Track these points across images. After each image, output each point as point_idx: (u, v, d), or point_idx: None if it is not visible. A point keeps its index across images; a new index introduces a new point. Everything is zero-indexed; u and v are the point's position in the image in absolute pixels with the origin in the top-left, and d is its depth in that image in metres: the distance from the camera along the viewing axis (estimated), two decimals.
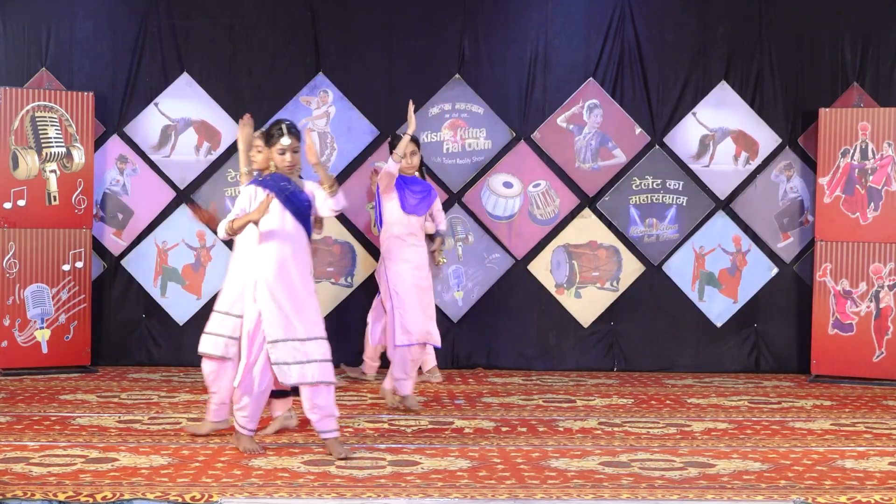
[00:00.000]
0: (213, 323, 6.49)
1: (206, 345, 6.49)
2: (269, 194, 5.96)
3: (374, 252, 9.54)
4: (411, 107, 7.65)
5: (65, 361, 8.98)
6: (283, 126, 6.09)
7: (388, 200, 7.61)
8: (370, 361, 8.86)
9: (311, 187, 6.18)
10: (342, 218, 9.58)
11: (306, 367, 6.00)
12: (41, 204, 8.94)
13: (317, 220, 6.34)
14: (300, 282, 6.02)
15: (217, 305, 6.53)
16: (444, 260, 8.08)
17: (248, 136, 6.52)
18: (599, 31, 9.62)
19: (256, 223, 5.99)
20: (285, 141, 6.07)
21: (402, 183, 7.62)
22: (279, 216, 6.02)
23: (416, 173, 7.77)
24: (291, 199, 6.04)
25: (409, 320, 7.47)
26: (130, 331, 9.54)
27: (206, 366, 6.54)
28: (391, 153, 7.56)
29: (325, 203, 6.11)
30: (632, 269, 9.65)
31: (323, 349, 6.06)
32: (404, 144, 7.49)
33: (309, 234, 6.14)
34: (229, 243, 7.16)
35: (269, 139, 6.12)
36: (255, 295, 5.99)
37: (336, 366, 9.44)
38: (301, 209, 6.06)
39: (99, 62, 9.48)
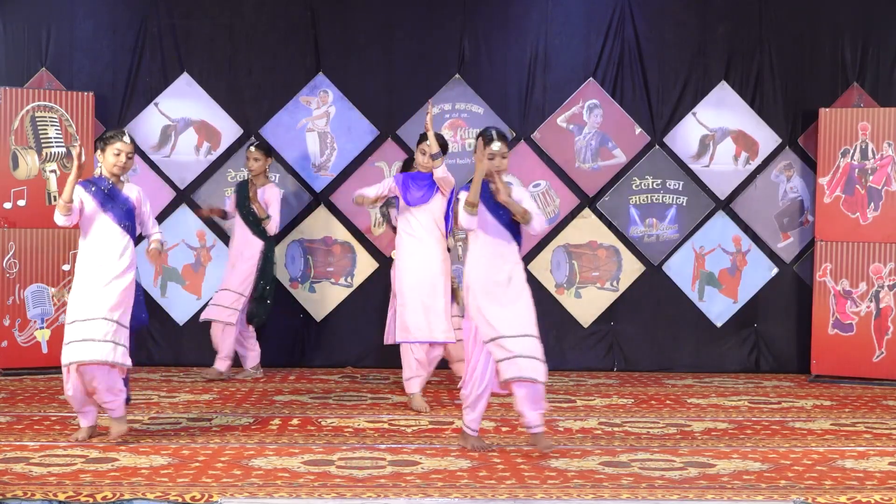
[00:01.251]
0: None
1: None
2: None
3: (375, 252, 9.55)
4: (430, 108, 7.52)
5: None
6: (493, 132, 6.19)
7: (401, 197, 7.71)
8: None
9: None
10: (342, 218, 9.59)
11: (520, 361, 6.06)
12: (41, 204, 8.93)
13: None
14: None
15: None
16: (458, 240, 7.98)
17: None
18: (599, 30, 9.62)
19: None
20: (496, 146, 6.14)
21: (409, 179, 7.67)
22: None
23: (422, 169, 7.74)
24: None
25: (408, 318, 7.47)
26: (130, 331, 9.51)
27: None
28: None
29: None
30: (632, 269, 9.65)
31: (534, 346, 6.10)
32: (432, 139, 7.45)
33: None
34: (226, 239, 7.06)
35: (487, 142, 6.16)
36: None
37: (342, 367, 9.50)
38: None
39: (99, 62, 9.48)
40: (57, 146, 9.01)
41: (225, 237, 9.53)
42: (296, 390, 8.30)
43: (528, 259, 9.60)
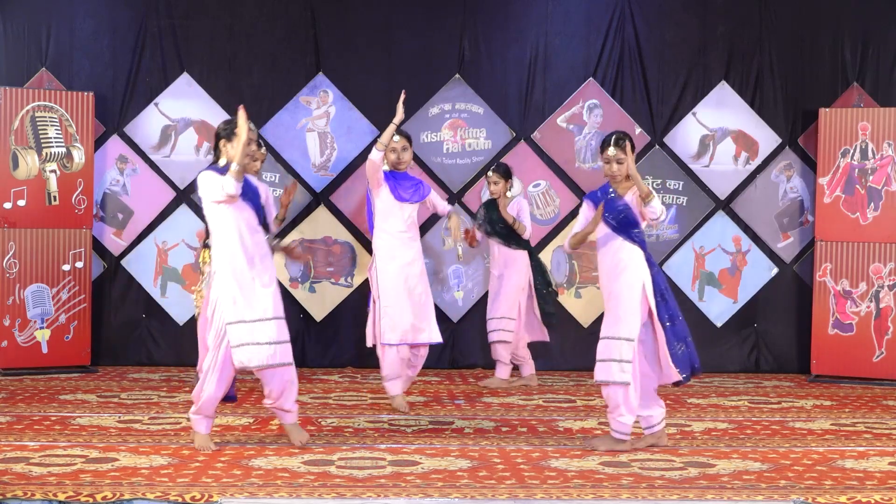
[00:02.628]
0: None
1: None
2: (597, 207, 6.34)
3: None
4: (402, 97, 7.47)
5: (65, 361, 8.98)
6: (612, 137, 6.29)
7: (378, 194, 7.49)
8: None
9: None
10: (342, 218, 9.59)
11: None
12: (41, 204, 8.94)
13: None
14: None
15: None
16: (461, 237, 7.90)
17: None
18: (599, 31, 9.62)
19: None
20: (611, 152, 6.25)
21: (392, 178, 7.53)
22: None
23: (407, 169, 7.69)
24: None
25: (395, 319, 7.41)
26: (130, 331, 9.54)
27: None
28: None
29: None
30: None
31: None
32: (389, 133, 7.36)
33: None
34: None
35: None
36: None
37: (342, 367, 9.50)
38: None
39: (99, 62, 9.48)
40: (57, 146, 9.01)
41: None
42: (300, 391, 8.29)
43: None
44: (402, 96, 7.49)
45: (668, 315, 6.26)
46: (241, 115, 6.09)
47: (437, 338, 7.58)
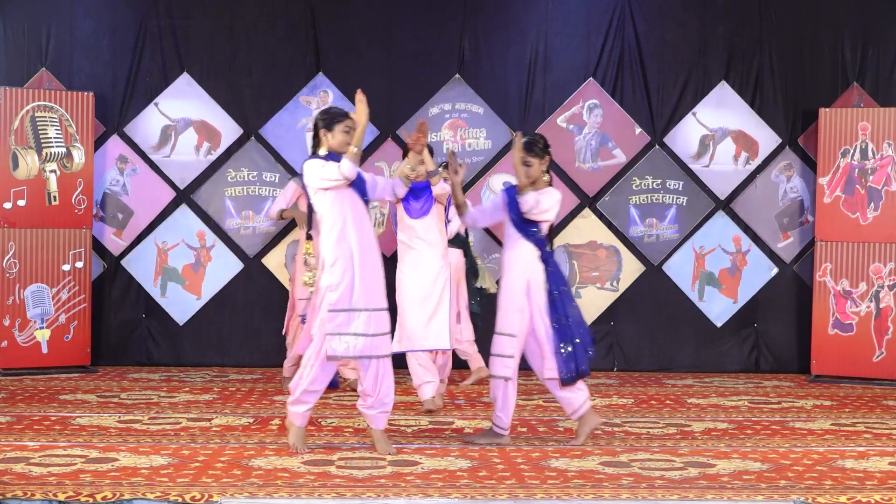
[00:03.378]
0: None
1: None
2: None
3: None
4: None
5: (65, 361, 8.98)
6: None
7: (398, 207, 7.59)
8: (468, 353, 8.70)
9: None
10: None
11: None
12: (41, 204, 8.94)
13: None
14: None
15: None
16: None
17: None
18: (599, 31, 9.62)
19: None
20: (523, 156, 6.34)
21: (408, 191, 7.53)
22: None
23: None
24: None
25: (406, 328, 7.40)
26: (130, 331, 9.54)
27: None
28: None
29: None
30: (632, 269, 9.65)
31: None
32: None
33: None
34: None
35: None
36: None
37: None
38: None
39: (99, 62, 9.48)
40: (57, 146, 9.00)
41: (226, 237, 9.53)
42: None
43: None
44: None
45: (556, 316, 6.32)
46: (361, 99, 6.01)
47: (441, 344, 7.48)
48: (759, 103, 9.66)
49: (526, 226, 6.36)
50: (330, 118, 6.13)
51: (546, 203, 6.37)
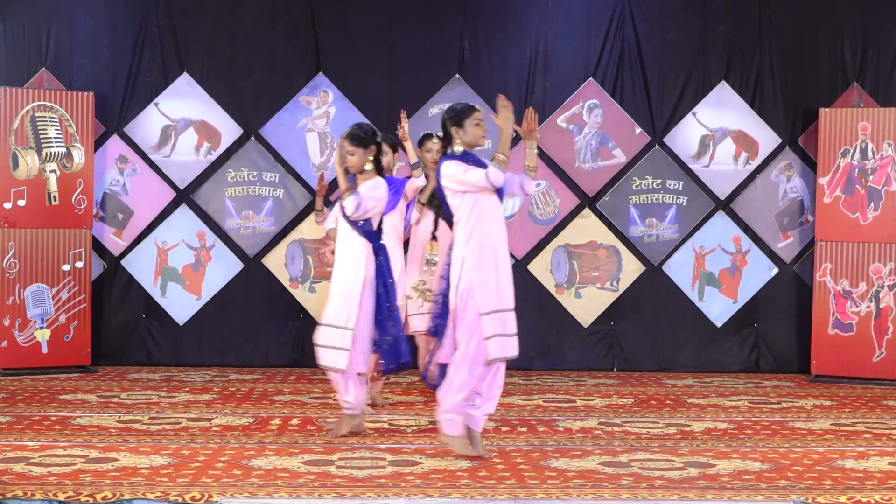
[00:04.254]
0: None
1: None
2: None
3: None
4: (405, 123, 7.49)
5: (65, 361, 8.98)
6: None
7: None
8: None
9: None
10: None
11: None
12: (41, 204, 8.94)
13: None
14: None
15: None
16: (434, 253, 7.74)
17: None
18: (599, 31, 9.62)
19: None
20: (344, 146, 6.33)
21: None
22: None
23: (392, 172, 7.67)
24: None
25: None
26: (130, 331, 9.54)
27: None
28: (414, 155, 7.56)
29: None
30: (632, 269, 9.64)
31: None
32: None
33: None
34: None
35: None
36: None
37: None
38: None
39: (99, 62, 9.48)
40: (57, 146, 9.00)
41: (226, 237, 9.53)
42: (296, 390, 8.31)
43: (528, 259, 9.61)
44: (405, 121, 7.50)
45: (381, 308, 6.42)
46: (505, 104, 6.01)
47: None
48: (759, 103, 9.66)
49: (355, 220, 6.41)
50: (457, 115, 6.10)
51: (368, 204, 6.37)
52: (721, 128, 9.66)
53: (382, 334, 6.44)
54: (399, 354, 6.46)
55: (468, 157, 6.03)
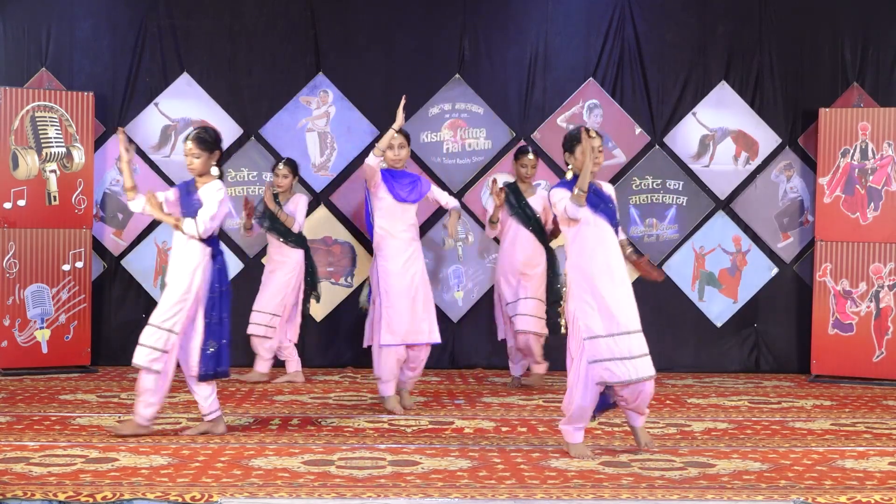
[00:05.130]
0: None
1: None
2: None
3: None
4: (402, 102, 7.40)
5: (65, 361, 8.98)
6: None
7: (377, 195, 7.44)
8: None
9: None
10: (342, 218, 9.59)
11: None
12: (41, 204, 8.94)
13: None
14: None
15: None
16: (458, 239, 7.77)
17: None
18: (599, 31, 9.62)
19: None
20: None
21: (390, 176, 7.45)
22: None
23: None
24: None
25: (395, 321, 7.35)
26: (130, 331, 9.50)
27: None
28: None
29: None
30: (632, 268, 9.61)
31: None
32: (387, 139, 7.31)
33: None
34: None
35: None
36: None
37: (342, 367, 9.51)
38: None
39: (99, 62, 9.49)
40: (57, 146, 9.00)
41: (226, 237, 9.52)
42: (296, 390, 8.31)
43: None
44: (403, 101, 7.43)
45: (212, 314, 6.47)
46: (587, 138, 6.00)
47: (435, 338, 7.54)
48: (759, 103, 9.66)
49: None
50: (567, 142, 6.12)
51: (216, 223, 6.40)
52: (721, 128, 9.66)
53: (208, 339, 6.46)
54: (219, 362, 6.52)
55: (570, 185, 6.03)
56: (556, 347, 9.56)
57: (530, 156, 8.57)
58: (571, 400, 6.02)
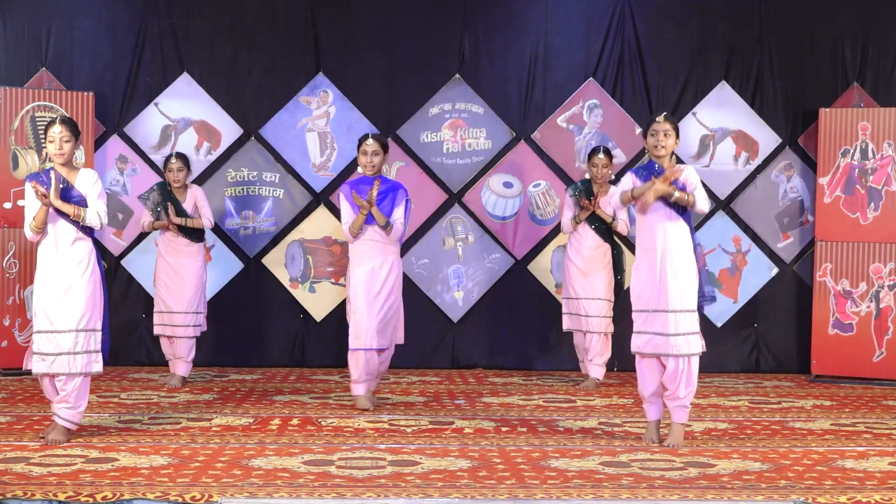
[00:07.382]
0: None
1: None
2: None
3: None
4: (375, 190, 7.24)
5: None
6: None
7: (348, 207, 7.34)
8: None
9: None
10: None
11: None
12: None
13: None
14: None
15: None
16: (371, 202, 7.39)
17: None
18: (599, 30, 9.62)
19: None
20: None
21: (359, 183, 7.32)
22: None
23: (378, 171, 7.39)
24: None
25: (359, 325, 7.30)
26: (130, 331, 9.54)
27: None
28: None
29: None
30: (632, 268, 9.61)
31: None
32: (359, 223, 7.23)
33: None
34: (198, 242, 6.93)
35: None
36: None
37: (342, 367, 9.49)
38: None
39: (99, 62, 9.49)
40: None
41: (226, 237, 9.53)
42: (296, 390, 8.31)
43: (527, 259, 9.61)
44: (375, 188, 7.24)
45: (107, 301, 6.58)
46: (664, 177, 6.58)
47: (399, 339, 7.64)
48: (759, 103, 9.66)
49: (77, 223, 6.35)
50: (645, 126, 6.63)
51: (103, 206, 6.41)
52: (721, 128, 9.66)
53: (105, 329, 6.55)
54: (106, 348, 6.56)
55: (649, 168, 6.65)
56: (555, 347, 9.57)
57: (601, 155, 8.56)
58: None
